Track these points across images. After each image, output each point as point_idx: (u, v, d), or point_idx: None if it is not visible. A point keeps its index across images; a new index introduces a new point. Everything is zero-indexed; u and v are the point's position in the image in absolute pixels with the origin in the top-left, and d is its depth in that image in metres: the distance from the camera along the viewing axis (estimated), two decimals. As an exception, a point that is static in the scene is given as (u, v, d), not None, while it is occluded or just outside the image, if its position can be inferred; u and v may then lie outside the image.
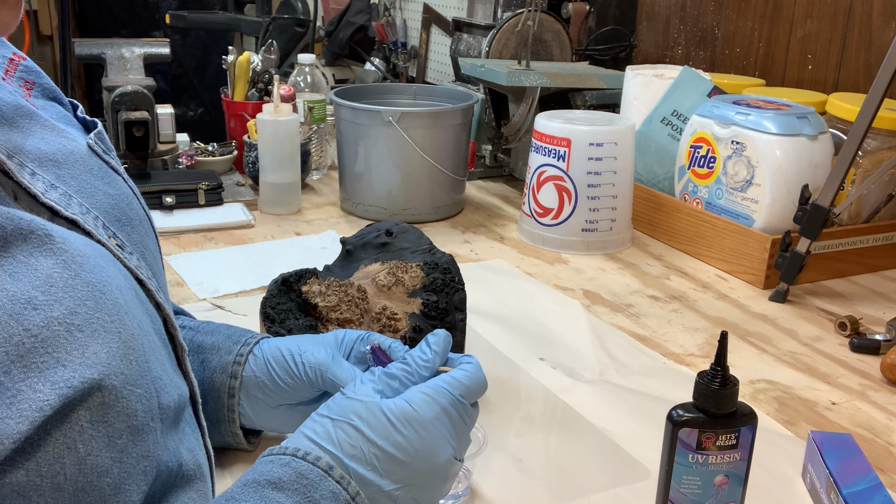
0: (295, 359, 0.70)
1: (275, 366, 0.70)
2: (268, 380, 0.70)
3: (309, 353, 0.69)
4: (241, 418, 0.72)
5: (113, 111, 1.44)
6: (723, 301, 1.18)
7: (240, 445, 0.75)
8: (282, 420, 0.72)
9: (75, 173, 0.50)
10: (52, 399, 0.38)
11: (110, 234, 0.50)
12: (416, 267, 0.88)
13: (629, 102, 1.54)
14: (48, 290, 0.40)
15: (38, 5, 3.42)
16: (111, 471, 0.41)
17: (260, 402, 0.71)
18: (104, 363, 0.40)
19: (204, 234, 1.37)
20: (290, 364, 0.69)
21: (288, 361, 0.70)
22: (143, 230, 0.56)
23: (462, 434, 0.58)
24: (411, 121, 1.39)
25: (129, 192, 0.56)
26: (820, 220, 1.13)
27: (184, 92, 3.55)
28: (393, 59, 2.49)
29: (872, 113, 1.09)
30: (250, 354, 0.71)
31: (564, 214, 1.34)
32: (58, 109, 0.56)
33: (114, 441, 0.41)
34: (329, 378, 0.68)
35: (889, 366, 0.96)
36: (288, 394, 0.70)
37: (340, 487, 0.51)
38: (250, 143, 1.55)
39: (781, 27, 1.61)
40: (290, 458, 0.52)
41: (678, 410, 0.63)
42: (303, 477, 0.50)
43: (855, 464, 0.72)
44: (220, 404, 0.71)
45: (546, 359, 0.98)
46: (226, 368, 0.71)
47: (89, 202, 0.50)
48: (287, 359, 0.70)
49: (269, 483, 0.50)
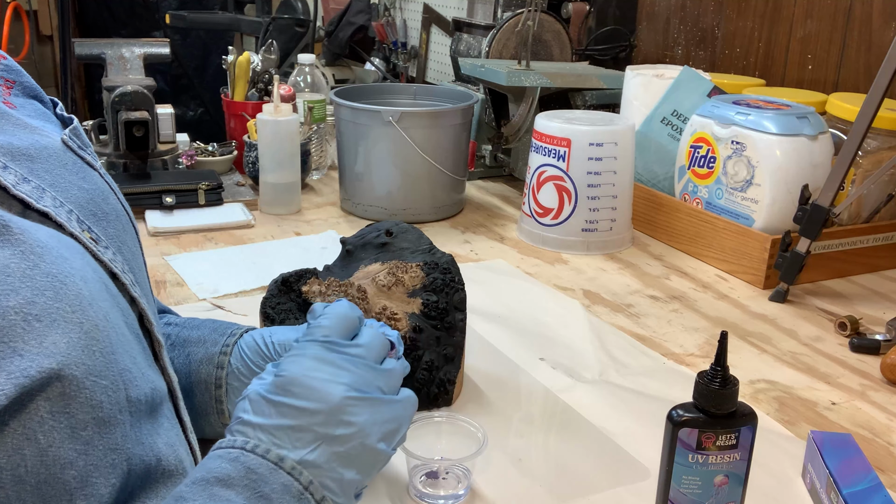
0: (265, 340, 0.69)
1: (247, 352, 0.70)
2: (242, 367, 0.70)
3: (279, 334, 0.69)
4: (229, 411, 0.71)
5: (113, 111, 1.44)
6: (723, 301, 1.18)
7: None
8: None
9: (49, 168, 0.50)
10: (9, 389, 0.38)
11: (84, 228, 0.50)
12: (416, 267, 0.88)
13: (629, 102, 1.54)
14: (3, 280, 0.40)
15: (38, 5, 3.42)
16: (76, 463, 0.41)
17: (238, 391, 0.70)
18: (63, 353, 0.40)
19: (204, 234, 1.37)
20: (262, 346, 0.69)
21: (259, 345, 0.69)
22: (120, 225, 0.56)
23: (349, 368, 0.55)
24: (411, 121, 1.39)
25: (104, 187, 0.56)
26: (820, 220, 1.13)
27: (184, 92, 3.55)
28: (393, 59, 2.49)
29: (872, 113, 1.09)
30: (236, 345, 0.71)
31: (564, 214, 1.34)
32: (37, 107, 0.57)
33: (77, 433, 0.41)
34: None
35: (889, 366, 0.96)
36: None
37: (292, 479, 0.50)
38: (250, 143, 1.55)
39: (781, 27, 1.61)
40: (240, 451, 0.50)
41: (678, 410, 0.63)
42: (251, 472, 0.49)
43: (855, 464, 0.72)
44: (208, 395, 0.70)
45: (546, 359, 0.98)
46: (212, 359, 0.70)
47: (63, 196, 0.50)
48: (258, 342, 0.70)
49: (218, 480, 0.48)
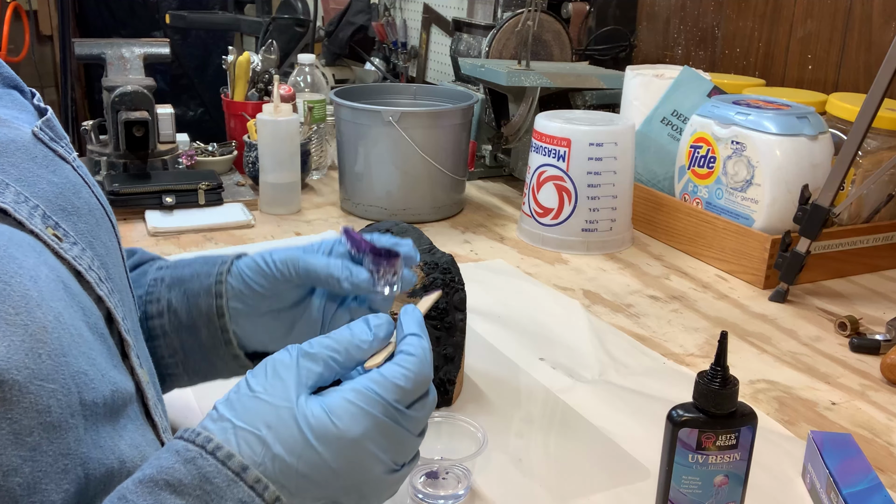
0: (266, 260, 0.67)
1: (247, 272, 0.67)
2: (244, 287, 0.67)
3: (279, 253, 0.67)
4: (237, 339, 0.69)
5: (113, 111, 1.44)
6: (723, 301, 1.18)
7: (246, 369, 0.67)
8: (270, 333, 0.69)
9: (16, 161, 0.49)
10: None
11: (50, 225, 0.48)
12: (416, 267, 0.88)
13: (629, 102, 1.54)
14: None
15: (38, 5, 3.42)
16: (21, 469, 0.39)
17: (242, 313, 0.68)
18: (4, 357, 0.39)
19: (204, 234, 1.37)
20: (262, 265, 0.67)
21: (259, 264, 0.67)
22: (94, 220, 0.54)
23: (400, 443, 0.50)
24: (411, 121, 1.39)
25: (76, 181, 0.54)
26: (820, 220, 1.13)
27: (184, 92, 3.55)
28: (393, 59, 2.49)
29: (872, 113, 1.09)
30: (229, 273, 0.68)
31: (564, 214, 1.34)
32: (15, 97, 0.56)
33: (22, 439, 0.39)
34: (302, 268, 0.65)
35: (889, 366, 0.96)
36: (266, 298, 0.67)
37: (254, 494, 0.45)
38: (250, 143, 1.55)
39: (781, 27, 1.61)
40: (199, 451, 0.45)
41: (678, 410, 0.63)
42: (207, 481, 0.44)
43: (855, 464, 0.71)
44: (213, 328, 0.68)
45: (546, 359, 0.98)
46: (209, 290, 0.68)
47: (29, 191, 0.48)
48: (259, 262, 0.67)
49: (168, 485, 0.44)
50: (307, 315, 0.69)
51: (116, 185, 1.41)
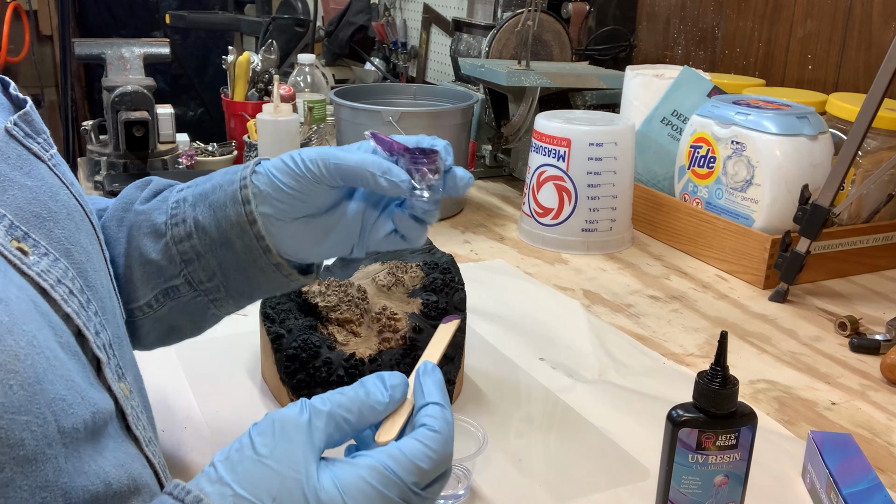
0: (294, 157, 0.62)
1: (275, 172, 0.62)
2: (272, 189, 0.61)
3: (308, 152, 0.62)
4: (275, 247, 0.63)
5: (113, 111, 1.44)
6: (723, 301, 1.18)
7: (291, 280, 0.66)
8: (304, 241, 0.64)
9: None
10: None
11: (16, 237, 0.45)
12: (416, 267, 0.89)
13: (629, 102, 1.54)
14: None
15: (38, 5, 3.42)
16: None
17: (273, 220, 0.62)
18: None
19: (204, 234, 1.37)
20: (290, 164, 0.61)
21: (287, 163, 0.62)
22: (73, 224, 0.50)
23: None
24: (411, 121, 1.39)
25: (53, 182, 0.50)
26: (820, 220, 1.13)
27: (184, 92, 3.55)
28: (393, 59, 2.49)
29: (872, 113, 1.09)
30: (253, 175, 0.63)
31: (564, 214, 1.34)
32: None
33: None
34: (332, 164, 0.60)
35: (889, 366, 0.96)
36: (298, 200, 0.62)
37: None
38: (250, 143, 1.55)
39: (781, 27, 1.61)
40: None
41: (678, 410, 0.63)
42: None
43: (855, 464, 0.71)
44: (247, 237, 0.62)
45: (546, 359, 0.98)
46: (234, 197, 0.62)
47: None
48: (287, 162, 0.62)
49: None
50: (343, 222, 0.64)
51: (116, 185, 1.41)
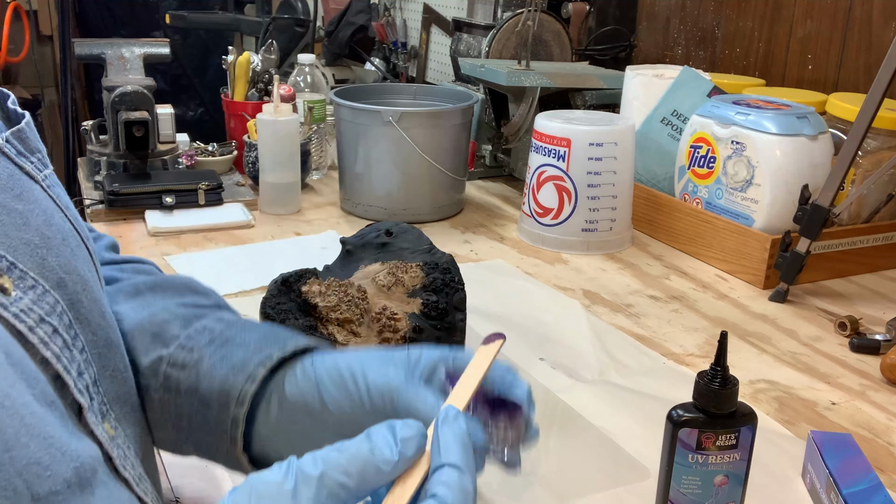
0: (355, 374, 0.50)
1: (329, 385, 0.51)
2: (317, 402, 0.51)
3: (375, 371, 0.50)
4: (256, 443, 0.53)
5: (113, 111, 1.44)
6: (723, 301, 1.18)
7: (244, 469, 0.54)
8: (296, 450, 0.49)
9: None
10: None
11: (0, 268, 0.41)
12: (416, 267, 0.88)
13: (629, 102, 1.54)
14: None
15: (38, 5, 3.42)
16: None
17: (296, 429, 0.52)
18: None
19: (204, 234, 1.37)
20: (349, 381, 0.50)
21: (345, 378, 0.50)
22: (68, 250, 0.46)
23: None
24: (411, 121, 1.39)
25: (47, 206, 0.46)
26: (820, 220, 1.13)
27: (184, 92, 3.55)
28: (393, 59, 2.49)
29: (872, 113, 1.09)
30: (298, 365, 0.53)
31: (564, 214, 1.34)
32: None
33: None
34: (402, 405, 0.48)
35: (889, 366, 0.96)
36: (341, 423, 0.50)
37: None
38: (250, 143, 1.55)
39: (781, 27, 1.61)
40: None
41: (678, 410, 0.63)
42: None
43: (855, 464, 0.72)
44: (224, 413, 0.52)
45: (546, 359, 0.98)
46: (245, 368, 0.52)
47: None
48: (345, 375, 0.51)
49: None
50: None
51: (116, 185, 1.41)
